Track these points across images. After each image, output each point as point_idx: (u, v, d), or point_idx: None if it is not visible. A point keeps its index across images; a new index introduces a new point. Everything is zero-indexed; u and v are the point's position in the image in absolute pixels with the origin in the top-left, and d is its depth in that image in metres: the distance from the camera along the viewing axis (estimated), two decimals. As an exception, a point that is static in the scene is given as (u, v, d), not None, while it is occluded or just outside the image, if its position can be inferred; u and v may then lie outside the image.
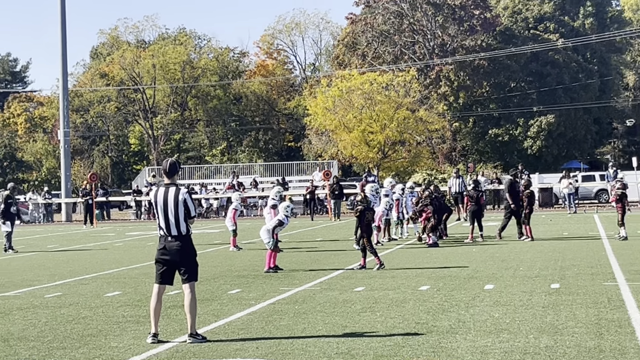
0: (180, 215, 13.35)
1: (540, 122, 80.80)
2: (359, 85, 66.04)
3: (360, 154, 66.42)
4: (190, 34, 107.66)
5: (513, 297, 16.54)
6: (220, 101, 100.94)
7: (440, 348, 11.99)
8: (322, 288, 18.92)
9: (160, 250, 13.50)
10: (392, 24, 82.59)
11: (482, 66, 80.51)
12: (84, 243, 37.57)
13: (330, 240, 33.88)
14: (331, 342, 12.70)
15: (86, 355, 12.30)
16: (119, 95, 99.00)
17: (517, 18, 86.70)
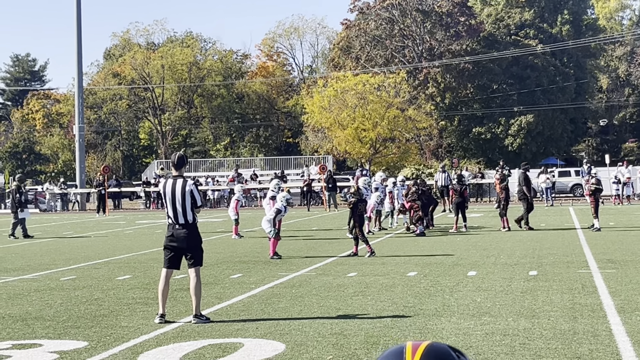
0: (187, 205, 13.44)
1: (520, 121, 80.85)
2: (353, 86, 66.07)
3: (353, 150, 66.47)
4: (197, 37, 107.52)
5: (494, 283, 16.55)
6: (224, 100, 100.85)
7: (426, 329, 12.00)
8: (318, 273, 18.93)
9: (169, 237, 13.58)
10: (383, 30, 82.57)
11: (466, 69, 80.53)
12: (97, 230, 37.56)
13: (325, 230, 33.89)
14: (325, 323, 12.71)
15: (98, 334, 12.30)
16: (130, 94, 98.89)
17: (500, 25, 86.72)
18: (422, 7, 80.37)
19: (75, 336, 12.24)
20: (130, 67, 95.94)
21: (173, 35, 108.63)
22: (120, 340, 11.88)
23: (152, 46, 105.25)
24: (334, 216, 44.39)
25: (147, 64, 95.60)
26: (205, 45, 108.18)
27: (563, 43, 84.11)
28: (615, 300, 14.05)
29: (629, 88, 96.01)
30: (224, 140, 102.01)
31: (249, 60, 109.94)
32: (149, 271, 20.15)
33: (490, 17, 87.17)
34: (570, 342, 10.80)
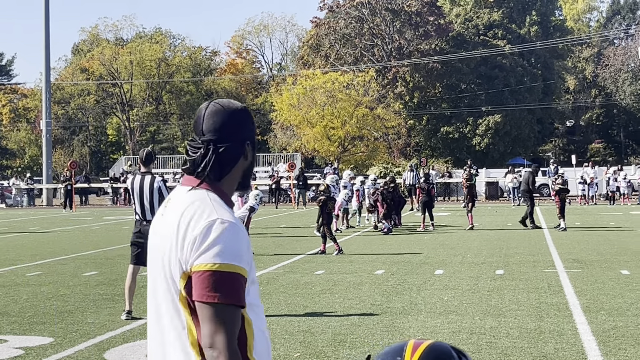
0: (155, 201, 13.41)
1: (488, 121, 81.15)
2: (322, 84, 66.04)
3: (322, 148, 66.48)
4: (166, 34, 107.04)
5: (461, 281, 16.61)
6: (193, 96, 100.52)
7: (393, 328, 12.03)
8: (285, 271, 18.91)
9: (136, 234, 13.56)
10: (353, 28, 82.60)
11: (435, 68, 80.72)
12: (63, 226, 37.29)
13: (293, 227, 33.86)
14: (293, 320, 12.71)
15: (64, 330, 12.24)
16: (98, 89, 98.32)
17: (469, 25, 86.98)
18: (392, 6, 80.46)
19: (40, 332, 12.17)
20: (99, 62, 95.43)
21: (142, 31, 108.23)
22: (86, 336, 11.82)
23: (120, 42, 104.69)
24: (302, 214, 44.35)
25: (115, 60, 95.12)
26: (174, 42, 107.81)
27: (531, 44, 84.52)
28: (581, 300, 14.14)
29: (596, 89, 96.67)
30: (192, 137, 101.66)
31: (218, 57, 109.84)
32: (115, 267, 20.04)
33: (459, 17, 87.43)
34: (537, 341, 10.86)
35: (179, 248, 3.27)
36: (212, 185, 3.42)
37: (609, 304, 13.73)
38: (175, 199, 3.45)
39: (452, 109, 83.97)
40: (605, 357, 10.00)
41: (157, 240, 3.42)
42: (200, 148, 3.42)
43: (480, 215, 31.62)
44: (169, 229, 3.35)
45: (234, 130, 3.46)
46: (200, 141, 3.44)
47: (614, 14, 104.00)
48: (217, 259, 3.19)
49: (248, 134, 3.51)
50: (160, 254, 3.37)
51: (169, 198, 3.50)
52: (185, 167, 3.49)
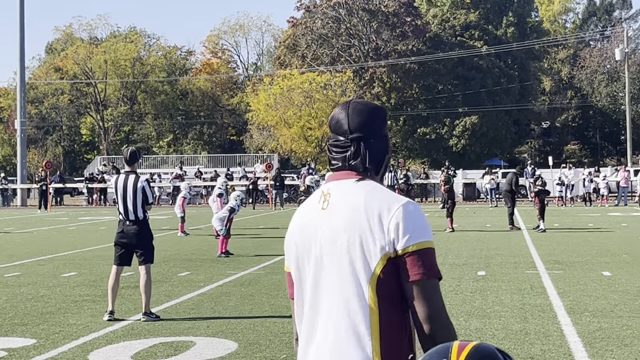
0: (138, 201, 13.38)
1: (465, 122, 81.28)
2: (299, 84, 66.03)
3: (299, 149, 66.45)
4: (141, 33, 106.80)
5: (443, 282, 16.57)
6: (168, 96, 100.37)
7: (378, 329, 12.00)
8: (266, 272, 18.89)
9: (119, 234, 13.48)
10: (330, 28, 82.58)
11: (412, 69, 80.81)
12: (39, 226, 37.10)
13: (272, 228, 33.83)
14: (277, 322, 12.71)
15: (46, 332, 12.18)
16: (72, 89, 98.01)
17: (445, 26, 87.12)
18: (369, 6, 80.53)
19: (22, 333, 12.11)
20: (73, 61, 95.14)
21: (116, 30, 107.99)
22: (69, 338, 11.77)
23: (95, 41, 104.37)
24: (280, 215, 44.30)
25: (89, 59, 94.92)
26: (149, 41, 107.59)
27: (507, 45, 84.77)
28: (565, 301, 14.20)
29: (572, 91, 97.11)
30: (167, 137, 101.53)
31: (194, 57, 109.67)
32: (94, 268, 19.98)
33: (436, 17, 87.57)
34: (523, 343, 10.89)
35: (378, 232, 3.43)
36: (372, 177, 3.62)
37: (593, 306, 13.79)
38: (341, 191, 3.58)
39: (429, 110, 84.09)
40: (593, 358, 10.05)
41: (330, 231, 3.52)
42: (350, 146, 3.61)
43: (458, 217, 31.65)
44: (354, 217, 3.48)
45: (379, 127, 3.67)
46: (348, 139, 3.62)
47: (589, 16, 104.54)
48: (422, 237, 3.43)
49: (386, 130, 3.74)
50: (344, 242, 3.48)
51: (326, 192, 3.61)
52: (335, 165, 3.67)
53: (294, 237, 3.65)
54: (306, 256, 3.58)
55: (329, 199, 3.58)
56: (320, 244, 3.53)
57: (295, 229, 3.66)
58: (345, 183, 3.59)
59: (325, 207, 3.57)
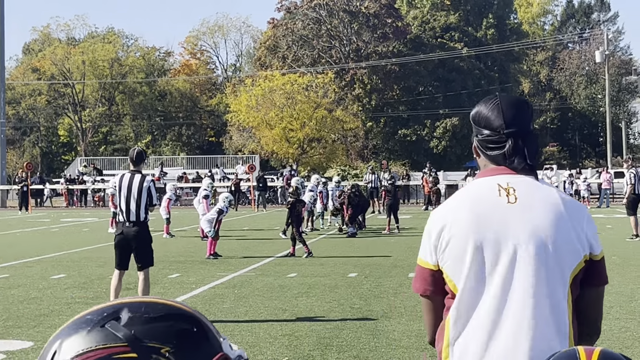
0: (142, 202, 13.21)
1: (445, 123, 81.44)
2: (281, 85, 65.95)
3: (280, 150, 66.36)
4: (119, 34, 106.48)
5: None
6: (146, 97, 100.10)
7: (377, 331, 12.04)
8: (257, 274, 18.86)
9: (118, 236, 13.29)
10: (311, 30, 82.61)
11: (393, 71, 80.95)
12: (21, 228, 36.88)
13: (256, 230, 33.76)
14: (274, 324, 12.70)
15: (43, 334, 12.10)
16: (49, 89, 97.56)
17: (426, 27, 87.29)
18: (350, 8, 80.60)
19: (19, 336, 12.03)
20: (50, 62, 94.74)
21: (94, 30, 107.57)
22: (67, 340, 11.66)
23: (72, 41, 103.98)
24: (263, 216, 44.27)
25: (67, 60, 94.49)
26: (127, 42, 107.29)
27: (487, 47, 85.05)
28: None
29: (550, 93, 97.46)
30: (145, 138, 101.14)
31: (172, 58, 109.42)
32: (83, 270, 19.88)
33: (416, 19, 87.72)
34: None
35: (580, 234, 3.48)
36: (535, 174, 3.62)
37: (590, 307, 13.79)
38: (527, 187, 3.55)
39: (410, 111, 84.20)
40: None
41: (529, 226, 3.48)
42: (506, 141, 3.56)
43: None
44: (557, 216, 3.48)
45: (530, 120, 3.65)
46: (504, 134, 3.56)
47: (568, 18, 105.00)
48: (601, 246, 3.58)
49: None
50: (549, 239, 3.46)
51: (506, 186, 3.55)
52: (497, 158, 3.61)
53: (467, 229, 3.49)
54: (491, 248, 3.47)
55: (514, 193, 3.52)
56: (517, 237, 3.46)
57: (466, 221, 3.50)
58: (524, 180, 3.56)
59: (514, 202, 3.50)
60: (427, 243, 3.60)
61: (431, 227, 3.59)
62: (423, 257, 3.62)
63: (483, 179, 3.63)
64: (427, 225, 3.64)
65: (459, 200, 3.57)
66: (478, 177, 3.68)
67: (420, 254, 3.65)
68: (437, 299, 3.62)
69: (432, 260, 3.57)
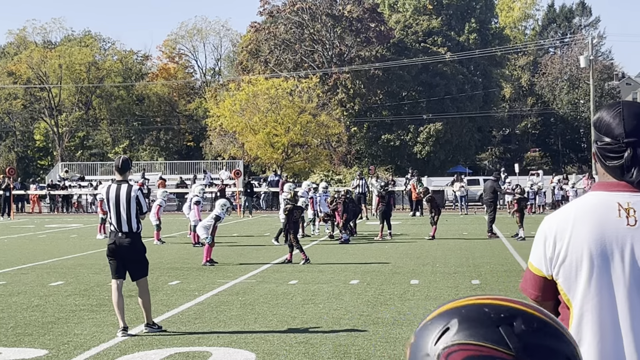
0: (132, 211, 13.13)
1: (429, 129, 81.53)
2: (265, 90, 65.91)
3: (264, 155, 66.31)
4: (96, 37, 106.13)
5: (441, 291, 16.78)
6: (124, 101, 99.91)
7: (392, 338, 12.13)
8: (258, 281, 18.91)
9: (111, 246, 13.21)
10: (293, 34, 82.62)
11: (376, 75, 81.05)
12: (7, 234, 36.76)
13: (246, 236, 33.78)
14: (287, 331, 12.79)
15: (54, 342, 12.15)
16: (25, 93, 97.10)
17: (408, 32, 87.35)
18: (332, 12, 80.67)
19: (31, 344, 12.08)
20: (26, 65, 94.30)
21: (71, 34, 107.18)
22: (80, 348, 11.76)
23: (49, 45, 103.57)
24: (250, 222, 44.30)
25: (43, 63, 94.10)
26: (105, 45, 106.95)
27: (470, 52, 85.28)
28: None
29: (532, 97, 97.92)
30: (123, 143, 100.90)
31: (150, 62, 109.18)
32: (80, 277, 19.90)
33: (398, 23, 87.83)
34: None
35: None
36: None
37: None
38: None
39: (393, 116, 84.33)
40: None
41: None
42: (625, 150, 3.55)
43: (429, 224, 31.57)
44: None
45: None
46: (623, 143, 3.55)
47: (549, 22, 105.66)
48: None
49: None
50: None
51: (627, 206, 3.56)
52: (616, 171, 3.61)
53: (584, 247, 3.55)
54: (607, 269, 3.52)
55: (634, 215, 3.53)
56: (633, 260, 3.51)
57: (584, 240, 3.56)
58: None
59: (634, 224, 3.53)
60: (541, 252, 3.66)
61: (547, 235, 3.64)
62: (536, 265, 3.68)
63: (602, 193, 3.64)
64: (540, 233, 3.68)
65: (576, 214, 3.60)
66: (596, 189, 3.69)
67: (532, 259, 3.71)
68: (547, 304, 3.68)
69: (546, 271, 3.64)
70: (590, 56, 70.27)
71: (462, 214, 50.37)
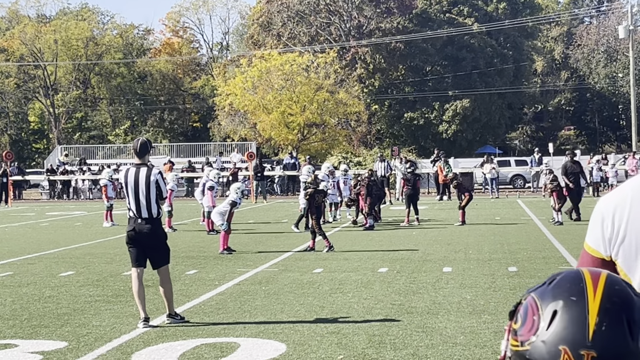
0: (152, 196, 13.38)
1: (455, 106, 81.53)
2: (279, 66, 66.06)
3: (279, 136, 66.60)
4: (94, 10, 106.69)
5: (477, 279, 17.04)
6: (124, 79, 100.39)
7: (428, 328, 12.41)
8: (280, 269, 19.23)
9: (130, 233, 13.46)
10: (307, 4, 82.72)
11: (398, 49, 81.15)
12: (8, 222, 37.20)
13: (263, 223, 34.15)
14: (317, 321, 13.07)
15: (73, 334, 12.47)
16: (18, 72, 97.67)
17: (432, 1, 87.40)
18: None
19: (49, 336, 12.40)
20: (19, 41, 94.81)
21: (67, 7, 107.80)
22: (101, 340, 12.07)
23: (43, 19, 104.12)
24: (266, 208, 44.65)
25: (38, 39, 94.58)
26: (103, 19, 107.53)
27: (499, 22, 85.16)
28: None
29: (566, 71, 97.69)
30: (124, 124, 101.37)
31: (152, 36, 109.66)
32: (91, 267, 20.25)
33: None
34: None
35: None
36: None
37: None
38: None
39: (417, 93, 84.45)
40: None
41: None
42: None
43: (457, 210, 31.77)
44: None
45: None
46: None
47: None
48: None
49: None
50: None
51: None
52: None
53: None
54: None
55: None
56: None
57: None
58: None
59: None
60: (598, 233, 3.78)
61: (605, 216, 3.76)
62: (594, 246, 3.80)
63: None
64: (597, 214, 3.80)
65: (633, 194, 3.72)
66: None
67: (588, 241, 3.82)
68: None
69: (604, 252, 3.77)
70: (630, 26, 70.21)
71: (493, 197, 50.53)
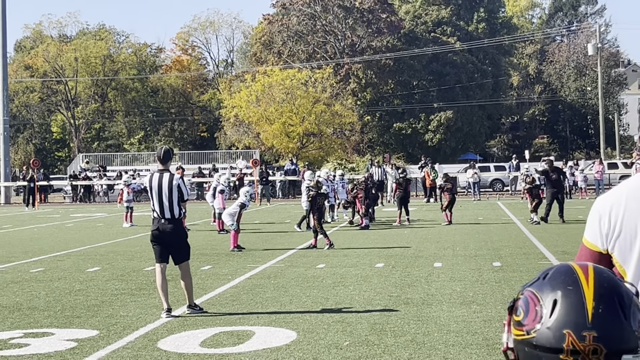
0: (174, 199, 13.62)
1: (439, 117, 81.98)
2: (280, 81, 66.41)
3: (280, 144, 66.88)
4: (110, 30, 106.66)
5: (465, 273, 17.16)
6: (139, 93, 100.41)
7: (424, 317, 12.52)
8: (286, 265, 19.34)
9: (154, 232, 13.68)
10: (305, 25, 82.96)
11: (387, 65, 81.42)
12: (36, 224, 37.25)
13: (268, 223, 34.30)
14: (323, 312, 13.17)
15: (103, 323, 12.58)
16: (42, 87, 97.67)
17: (418, 22, 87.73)
18: (344, 3, 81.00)
19: (81, 325, 12.50)
20: (43, 59, 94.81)
21: (86, 27, 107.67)
22: (129, 328, 12.18)
23: (65, 39, 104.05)
24: (270, 210, 44.78)
25: (60, 57, 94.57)
26: (119, 39, 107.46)
27: (479, 41, 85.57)
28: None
29: (540, 85, 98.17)
30: (138, 134, 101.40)
31: (164, 54, 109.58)
32: (115, 263, 20.35)
33: (408, 14, 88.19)
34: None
35: None
36: None
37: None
38: None
39: (405, 105, 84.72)
40: None
41: None
42: None
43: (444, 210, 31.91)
44: None
45: None
46: None
47: (556, 11, 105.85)
48: None
49: None
50: None
51: None
52: None
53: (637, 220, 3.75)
54: None
55: None
56: None
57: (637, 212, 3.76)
58: None
59: None
60: (596, 229, 3.85)
61: (602, 214, 3.83)
62: (592, 240, 3.88)
63: None
64: (594, 212, 3.87)
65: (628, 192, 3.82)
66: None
67: (587, 236, 3.90)
68: None
69: (601, 246, 3.84)
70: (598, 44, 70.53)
71: (476, 199, 50.68)
